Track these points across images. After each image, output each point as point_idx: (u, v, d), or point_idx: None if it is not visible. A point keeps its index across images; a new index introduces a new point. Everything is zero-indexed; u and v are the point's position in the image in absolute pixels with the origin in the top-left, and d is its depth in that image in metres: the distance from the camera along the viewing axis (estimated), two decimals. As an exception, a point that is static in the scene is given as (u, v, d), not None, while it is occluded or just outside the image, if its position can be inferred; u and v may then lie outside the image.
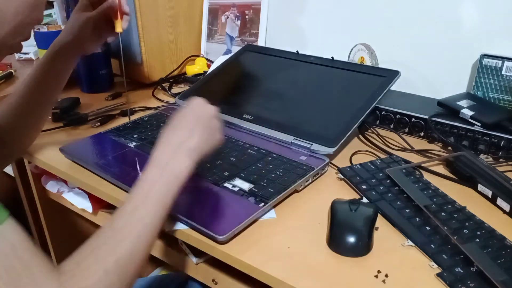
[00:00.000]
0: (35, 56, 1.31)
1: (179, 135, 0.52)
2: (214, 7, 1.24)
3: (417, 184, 0.65)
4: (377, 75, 0.83)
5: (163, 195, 0.48)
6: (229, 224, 0.55)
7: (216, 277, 0.62)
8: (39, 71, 0.70)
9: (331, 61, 0.90)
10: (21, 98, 0.71)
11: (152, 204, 0.47)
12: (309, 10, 1.12)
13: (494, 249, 0.52)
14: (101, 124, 0.89)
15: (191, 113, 0.56)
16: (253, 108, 0.86)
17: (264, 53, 1.01)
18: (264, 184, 0.64)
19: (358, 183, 0.66)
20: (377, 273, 0.50)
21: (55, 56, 0.70)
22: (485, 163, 0.68)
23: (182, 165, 0.50)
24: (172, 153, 0.51)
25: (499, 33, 0.87)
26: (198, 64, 1.17)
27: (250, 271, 0.52)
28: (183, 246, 0.64)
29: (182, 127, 0.54)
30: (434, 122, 0.81)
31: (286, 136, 0.77)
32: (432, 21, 0.94)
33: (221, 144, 0.57)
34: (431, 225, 0.56)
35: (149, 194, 0.47)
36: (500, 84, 0.84)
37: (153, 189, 0.48)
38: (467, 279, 0.48)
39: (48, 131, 0.86)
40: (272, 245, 0.55)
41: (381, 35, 1.01)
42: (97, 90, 1.08)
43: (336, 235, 0.54)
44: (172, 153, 0.51)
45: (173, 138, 0.52)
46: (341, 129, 0.75)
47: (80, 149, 0.77)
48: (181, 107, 0.58)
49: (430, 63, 0.96)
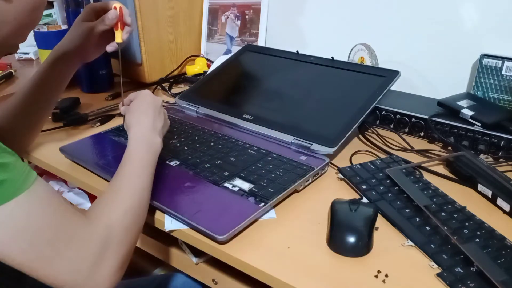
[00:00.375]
0: (35, 56, 1.31)
1: (148, 119, 0.63)
2: (214, 7, 1.24)
3: (417, 184, 0.65)
4: (377, 75, 0.83)
5: (151, 165, 0.59)
6: (229, 224, 0.55)
7: (216, 277, 0.62)
8: (40, 75, 0.72)
9: (331, 61, 0.90)
10: (21, 100, 0.72)
11: (148, 172, 0.58)
12: (309, 10, 1.12)
13: (494, 249, 0.52)
14: (101, 124, 0.89)
15: (145, 102, 0.65)
16: (253, 108, 0.86)
17: (264, 53, 1.01)
18: (264, 184, 0.64)
19: (358, 183, 0.66)
20: (377, 273, 0.50)
21: (56, 62, 0.72)
22: (485, 163, 0.68)
23: (158, 142, 0.62)
24: (150, 133, 0.62)
25: (499, 33, 0.87)
26: (198, 64, 1.17)
27: (250, 271, 0.52)
28: (183, 246, 0.64)
29: (145, 113, 0.64)
30: (434, 122, 0.81)
31: (286, 136, 0.77)
32: (432, 21, 0.94)
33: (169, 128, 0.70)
34: (431, 225, 0.56)
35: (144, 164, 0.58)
36: (500, 84, 0.84)
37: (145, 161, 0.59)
38: (467, 279, 0.48)
39: (48, 131, 0.86)
40: (272, 245, 0.55)
41: (381, 35, 1.01)
42: (97, 90, 1.08)
43: (336, 235, 0.54)
44: (150, 133, 0.62)
45: (145, 121, 0.63)
46: (341, 129, 0.75)
47: (80, 149, 0.77)
48: (133, 96, 0.68)
49: (430, 63, 0.96)
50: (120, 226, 0.50)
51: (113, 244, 0.49)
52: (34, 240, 0.43)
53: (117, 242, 0.49)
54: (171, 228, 0.58)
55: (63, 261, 0.45)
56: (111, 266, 0.48)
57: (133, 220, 0.52)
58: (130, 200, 0.53)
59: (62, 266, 0.45)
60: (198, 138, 0.79)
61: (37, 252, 0.43)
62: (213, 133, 0.81)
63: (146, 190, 0.56)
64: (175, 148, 0.76)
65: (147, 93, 0.67)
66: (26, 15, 0.51)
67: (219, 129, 0.83)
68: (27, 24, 0.52)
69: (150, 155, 0.59)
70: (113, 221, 0.50)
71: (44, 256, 0.44)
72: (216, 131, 0.82)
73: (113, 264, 0.48)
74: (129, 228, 0.51)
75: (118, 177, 0.56)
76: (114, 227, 0.50)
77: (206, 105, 0.90)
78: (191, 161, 0.71)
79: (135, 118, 0.63)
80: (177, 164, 0.71)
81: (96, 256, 0.47)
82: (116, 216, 0.51)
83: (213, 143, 0.77)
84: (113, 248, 0.49)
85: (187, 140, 0.78)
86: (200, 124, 0.85)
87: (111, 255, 0.48)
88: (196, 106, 0.91)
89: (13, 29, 0.50)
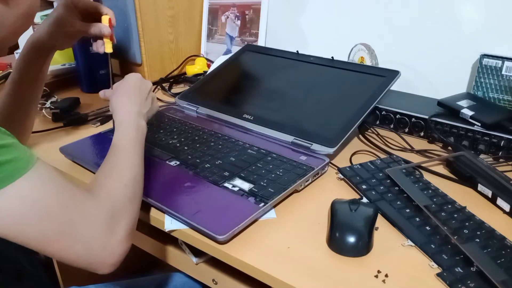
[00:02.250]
0: (35, 56, 1.31)
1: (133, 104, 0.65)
2: (214, 7, 1.24)
3: (417, 184, 0.65)
4: (377, 75, 0.83)
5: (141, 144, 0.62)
6: (229, 224, 0.55)
7: (216, 277, 0.62)
8: (17, 70, 0.72)
9: (331, 61, 0.90)
10: (6, 97, 0.73)
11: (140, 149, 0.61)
12: (309, 10, 1.12)
13: (494, 249, 0.52)
14: (101, 124, 0.89)
15: (132, 86, 0.67)
16: (253, 108, 0.86)
17: (264, 53, 1.01)
18: (264, 184, 0.64)
19: (358, 183, 0.66)
20: (377, 273, 0.50)
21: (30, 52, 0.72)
22: (485, 163, 0.68)
23: (143, 125, 0.65)
24: (135, 117, 0.64)
25: (499, 33, 0.87)
26: (198, 64, 1.17)
27: (250, 271, 0.52)
28: (183, 246, 0.64)
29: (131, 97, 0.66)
30: (434, 122, 0.81)
31: (286, 136, 0.77)
32: (432, 21, 0.94)
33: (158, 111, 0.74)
34: (431, 225, 0.56)
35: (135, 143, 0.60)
36: (500, 84, 0.84)
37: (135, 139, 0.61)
38: (467, 279, 0.48)
39: (48, 131, 0.86)
40: (272, 245, 0.55)
41: (381, 35, 1.01)
42: (97, 90, 1.07)
43: (336, 235, 0.54)
44: (136, 117, 0.64)
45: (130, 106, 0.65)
46: (341, 129, 0.75)
47: (80, 149, 0.77)
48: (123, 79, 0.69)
49: (430, 63, 0.96)
50: (122, 197, 0.52)
51: (119, 214, 0.50)
52: (44, 215, 0.44)
53: (123, 211, 0.51)
54: (171, 228, 0.58)
55: (75, 233, 0.46)
56: (120, 234, 0.49)
57: (133, 191, 0.55)
58: (128, 174, 0.55)
59: (75, 239, 0.46)
60: (198, 138, 0.79)
61: (49, 226, 0.44)
62: (213, 133, 0.81)
63: (140, 166, 0.58)
64: (175, 148, 0.76)
65: (135, 77, 0.69)
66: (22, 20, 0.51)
67: (219, 129, 0.83)
68: (21, 29, 0.53)
69: (139, 134, 0.62)
70: (115, 193, 0.52)
71: (55, 230, 0.45)
72: (216, 131, 0.82)
73: (122, 231, 0.50)
74: (130, 198, 0.53)
75: (113, 155, 0.58)
76: (117, 198, 0.52)
77: (206, 105, 0.90)
78: (191, 161, 0.71)
79: (120, 102, 0.65)
80: (177, 164, 0.71)
81: (105, 226, 0.48)
82: (117, 188, 0.53)
83: (213, 143, 0.77)
84: (120, 216, 0.50)
85: (187, 140, 0.78)
86: (200, 124, 0.85)
87: (119, 223, 0.50)
88: (196, 106, 0.91)
89: (9, 33, 0.51)
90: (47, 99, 1.00)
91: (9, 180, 0.42)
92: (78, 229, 0.46)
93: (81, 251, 0.47)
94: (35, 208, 0.44)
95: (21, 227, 0.43)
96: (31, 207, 0.43)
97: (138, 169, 0.58)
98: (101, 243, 0.48)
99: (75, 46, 1.05)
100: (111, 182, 0.54)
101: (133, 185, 0.55)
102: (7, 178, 0.42)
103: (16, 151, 0.43)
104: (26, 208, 0.43)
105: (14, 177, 0.42)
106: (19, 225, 0.43)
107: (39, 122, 0.91)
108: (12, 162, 0.42)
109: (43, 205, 0.44)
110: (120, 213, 0.51)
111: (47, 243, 0.45)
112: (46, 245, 0.45)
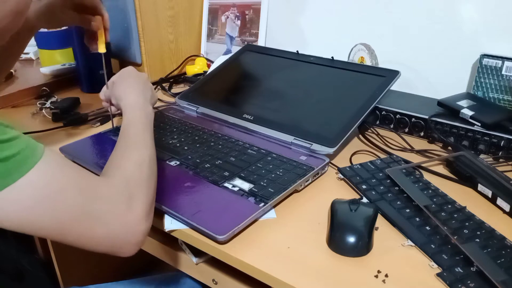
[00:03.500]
0: (35, 56, 1.31)
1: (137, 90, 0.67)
2: (214, 7, 1.24)
3: (417, 184, 0.65)
4: (377, 75, 0.83)
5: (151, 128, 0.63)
6: (229, 224, 0.55)
7: (216, 277, 0.62)
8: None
9: (331, 61, 0.90)
10: None
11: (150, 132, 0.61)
12: (309, 10, 1.12)
13: (494, 249, 0.52)
14: (101, 124, 0.89)
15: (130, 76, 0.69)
16: (253, 108, 0.86)
17: (264, 53, 1.01)
18: (264, 184, 0.64)
19: (358, 183, 0.66)
20: (377, 273, 0.50)
21: None
22: (485, 163, 0.68)
23: (151, 110, 0.66)
24: (142, 101, 0.65)
25: (499, 33, 0.87)
26: (198, 64, 1.17)
27: (250, 271, 0.52)
28: (183, 246, 0.64)
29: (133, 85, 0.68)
30: (434, 122, 0.81)
31: (286, 136, 0.77)
32: (432, 21, 0.94)
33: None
34: (431, 225, 0.56)
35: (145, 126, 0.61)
36: (500, 84, 0.84)
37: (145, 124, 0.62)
38: (467, 279, 0.48)
39: (48, 131, 0.86)
40: (272, 245, 0.55)
41: (381, 35, 1.01)
42: (97, 90, 1.06)
43: (336, 235, 0.54)
44: (143, 101, 0.65)
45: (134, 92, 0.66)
46: (341, 129, 0.75)
47: (80, 149, 0.77)
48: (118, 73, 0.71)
49: (430, 63, 0.96)
50: (137, 176, 0.52)
51: (134, 192, 0.50)
52: (59, 203, 0.44)
53: (138, 190, 0.51)
54: (171, 228, 0.58)
55: (92, 216, 0.46)
56: (138, 211, 0.49)
57: (148, 171, 0.54)
58: (141, 154, 0.56)
59: (93, 221, 0.46)
60: (198, 138, 0.79)
61: (64, 213, 0.44)
62: (213, 133, 0.81)
63: (152, 147, 0.59)
64: (175, 148, 0.76)
65: (130, 69, 0.71)
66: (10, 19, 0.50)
67: (219, 129, 0.83)
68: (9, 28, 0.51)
69: (148, 119, 0.63)
70: (129, 172, 0.52)
71: (72, 216, 0.45)
72: (216, 131, 0.82)
73: (140, 209, 0.49)
74: (145, 178, 0.53)
75: (124, 137, 0.59)
76: (131, 177, 0.52)
77: (206, 105, 0.90)
78: (191, 161, 0.71)
79: (124, 90, 0.67)
80: (177, 164, 0.71)
81: (122, 204, 0.48)
82: (131, 168, 0.53)
83: (213, 143, 0.77)
84: (136, 195, 0.50)
85: (187, 140, 0.78)
86: (200, 124, 0.85)
87: (136, 201, 0.49)
88: (196, 106, 0.91)
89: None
90: (47, 99, 1.00)
91: (19, 173, 0.42)
92: (95, 211, 0.46)
93: (102, 233, 0.46)
94: (48, 197, 0.43)
95: (36, 217, 0.43)
96: (44, 197, 0.43)
97: (151, 150, 0.58)
98: (121, 221, 0.47)
99: (75, 46, 1.05)
100: (124, 162, 0.54)
101: (147, 165, 0.55)
102: (17, 171, 0.42)
103: (22, 143, 0.43)
104: (39, 198, 0.43)
105: (24, 169, 0.42)
106: (35, 215, 0.43)
107: (39, 122, 0.92)
108: (19, 154, 0.42)
109: (56, 192, 0.44)
110: (135, 191, 0.50)
111: (66, 230, 0.45)
112: (65, 233, 0.45)
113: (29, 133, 0.84)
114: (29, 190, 0.42)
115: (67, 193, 0.45)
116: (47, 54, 1.18)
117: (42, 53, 1.19)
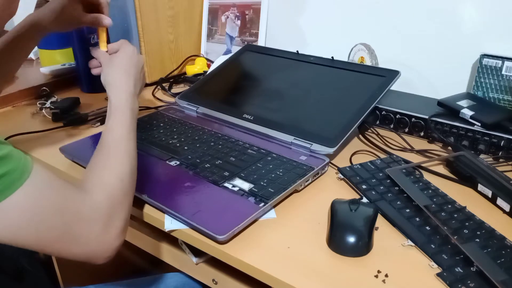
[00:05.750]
0: (35, 56, 1.31)
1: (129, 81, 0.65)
2: (214, 7, 1.24)
3: (417, 184, 0.65)
4: (377, 75, 0.83)
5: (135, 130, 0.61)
6: (229, 224, 0.55)
7: (216, 277, 0.62)
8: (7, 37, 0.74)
9: (331, 61, 0.90)
10: None
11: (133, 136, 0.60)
12: (309, 10, 1.12)
13: (494, 249, 0.52)
14: (101, 124, 0.89)
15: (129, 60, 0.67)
16: (253, 108, 0.86)
17: (264, 53, 1.01)
18: (264, 184, 0.64)
19: (358, 183, 0.66)
20: (377, 273, 0.50)
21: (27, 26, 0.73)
22: (485, 163, 0.68)
23: (137, 107, 0.65)
24: (132, 98, 0.63)
25: (499, 33, 0.87)
26: (198, 64, 1.17)
27: (250, 271, 0.52)
28: (183, 246, 0.64)
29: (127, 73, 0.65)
30: (434, 122, 0.81)
31: (286, 136, 0.77)
32: (432, 21, 0.94)
33: None
34: (431, 225, 0.56)
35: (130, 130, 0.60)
36: (500, 84, 0.84)
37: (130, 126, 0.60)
38: (467, 279, 0.48)
39: (48, 131, 0.86)
40: (272, 245, 0.55)
41: (381, 35, 1.01)
42: (97, 90, 1.08)
43: (336, 235, 0.54)
44: (132, 98, 0.63)
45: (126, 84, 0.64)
46: (341, 129, 0.75)
47: (80, 149, 0.77)
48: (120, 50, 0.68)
49: (430, 63, 0.96)
50: (119, 191, 0.53)
51: (115, 211, 0.51)
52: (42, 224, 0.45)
53: (119, 208, 0.52)
54: (171, 228, 0.58)
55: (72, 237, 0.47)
56: (117, 228, 0.51)
57: (129, 184, 0.55)
58: (123, 166, 0.55)
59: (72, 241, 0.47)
60: (198, 138, 0.79)
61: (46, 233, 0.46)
62: (213, 133, 0.81)
63: (135, 157, 0.58)
64: (175, 148, 0.76)
65: (133, 50, 0.69)
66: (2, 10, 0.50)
67: (219, 129, 0.83)
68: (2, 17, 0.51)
69: (133, 120, 0.61)
70: (112, 188, 0.52)
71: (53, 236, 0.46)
72: (216, 131, 0.82)
73: (118, 228, 0.51)
74: (126, 193, 0.54)
75: (106, 143, 0.57)
76: (114, 194, 0.52)
77: (206, 105, 0.90)
78: (191, 161, 0.71)
79: (116, 78, 0.65)
80: (177, 164, 0.71)
81: (101, 226, 0.49)
82: (113, 184, 0.53)
83: (213, 143, 0.77)
84: (117, 212, 0.51)
85: (187, 140, 0.78)
86: (200, 124, 0.85)
87: (116, 219, 0.51)
88: (196, 106, 0.91)
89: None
90: (47, 99, 1.00)
91: (4, 194, 0.42)
92: (75, 232, 0.47)
93: (79, 251, 0.48)
94: (32, 219, 0.44)
95: (18, 236, 0.44)
96: (28, 218, 0.44)
97: (134, 161, 0.57)
98: (98, 241, 0.49)
99: (75, 46, 1.05)
100: (107, 176, 0.53)
101: (129, 179, 0.55)
102: (3, 192, 0.42)
103: (11, 163, 0.43)
104: (24, 219, 0.44)
105: (10, 191, 0.42)
106: (17, 235, 0.44)
107: (39, 122, 0.91)
108: (7, 176, 0.42)
109: (40, 214, 0.45)
110: (116, 209, 0.51)
111: (47, 247, 0.47)
112: (45, 248, 0.47)
113: (29, 133, 0.84)
114: (13, 211, 0.43)
115: (49, 216, 0.46)
116: (47, 54, 1.18)
117: (42, 53, 1.19)
